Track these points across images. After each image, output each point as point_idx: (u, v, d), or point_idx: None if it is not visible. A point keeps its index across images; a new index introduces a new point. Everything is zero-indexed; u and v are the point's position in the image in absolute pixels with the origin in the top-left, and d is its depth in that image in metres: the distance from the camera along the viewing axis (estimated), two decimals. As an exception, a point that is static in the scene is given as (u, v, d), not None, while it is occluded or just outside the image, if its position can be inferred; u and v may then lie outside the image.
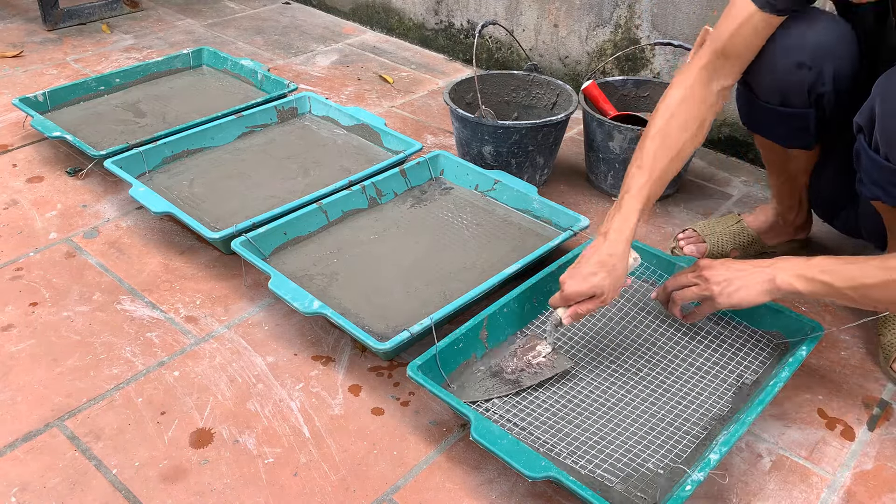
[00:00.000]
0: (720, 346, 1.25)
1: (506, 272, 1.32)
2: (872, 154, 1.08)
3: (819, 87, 1.17)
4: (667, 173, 1.15)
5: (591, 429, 1.10)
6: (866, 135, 1.09)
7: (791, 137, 1.28)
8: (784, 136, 1.29)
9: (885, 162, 1.06)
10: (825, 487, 1.07)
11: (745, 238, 1.48)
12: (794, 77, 1.17)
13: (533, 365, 1.16)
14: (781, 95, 1.21)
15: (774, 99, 1.22)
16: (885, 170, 1.07)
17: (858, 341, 1.32)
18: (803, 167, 1.36)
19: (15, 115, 1.96)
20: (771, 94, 1.22)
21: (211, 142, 1.77)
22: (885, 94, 1.03)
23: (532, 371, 1.16)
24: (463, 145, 1.70)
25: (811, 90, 1.18)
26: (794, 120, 1.23)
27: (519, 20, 2.15)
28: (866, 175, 1.11)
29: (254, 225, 1.42)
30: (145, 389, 1.19)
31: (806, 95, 1.19)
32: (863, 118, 1.08)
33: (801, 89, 1.19)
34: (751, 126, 1.33)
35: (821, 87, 1.17)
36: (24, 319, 1.32)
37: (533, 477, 0.95)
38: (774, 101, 1.23)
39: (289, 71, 2.28)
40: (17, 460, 1.08)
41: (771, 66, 1.19)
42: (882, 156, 1.06)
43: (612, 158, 1.63)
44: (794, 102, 1.21)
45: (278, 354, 1.27)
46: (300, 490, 1.04)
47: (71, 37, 2.46)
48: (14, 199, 1.65)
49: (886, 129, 1.04)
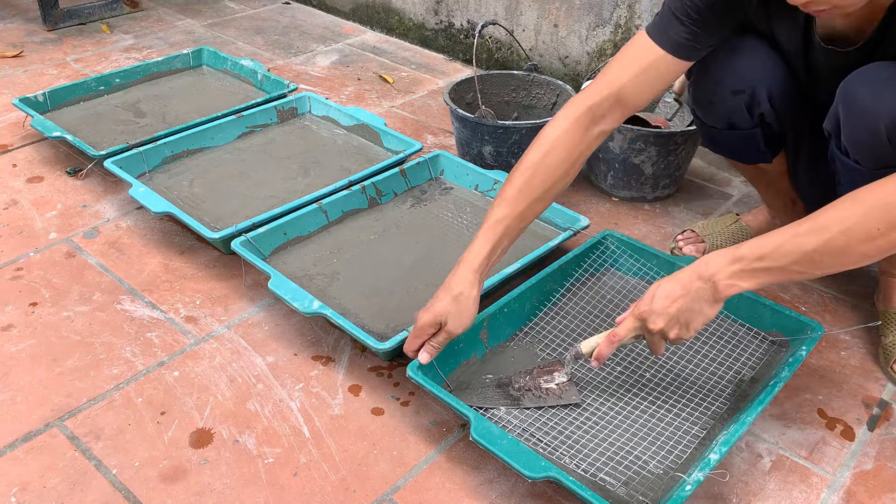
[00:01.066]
0: (720, 346, 1.25)
1: (506, 272, 1.32)
2: (844, 159, 1.09)
3: (757, 108, 1.21)
4: (529, 211, 1.11)
5: (592, 430, 1.10)
6: (836, 139, 1.10)
7: (748, 156, 1.33)
8: (741, 155, 1.34)
9: (857, 166, 1.07)
10: (825, 487, 1.07)
11: (743, 237, 1.48)
12: (731, 103, 1.22)
13: (542, 389, 1.14)
14: (726, 120, 1.26)
15: (721, 124, 1.27)
16: (859, 174, 1.08)
17: (858, 341, 1.32)
18: (776, 173, 1.38)
19: (15, 115, 1.96)
20: (717, 121, 1.27)
21: (211, 142, 1.77)
22: (847, 101, 1.04)
23: (537, 394, 1.14)
24: (463, 145, 1.70)
25: (750, 111, 1.22)
26: (744, 140, 1.28)
27: (519, 20, 2.15)
28: (844, 180, 1.13)
29: (254, 225, 1.42)
30: (145, 389, 1.19)
31: (748, 117, 1.23)
32: (830, 124, 1.10)
33: (741, 113, 1.23)
34: (711, 148, 1.38)
35: (758, 107, 1.21)
36: (24, 319, 1.32)
37: (533, 477, 0.95)
38: (722, 125, 1.28)
39: (289, 71, 2.28)
40: (17, 460, 1.08)
41: (710, 97, 1.24)
42: (853, 160, 1.08)
43: (611, 158, 1.63)
44: (739, 125, 1.25)
45: (278, 354, 1.27)
46: (300, 490, 1.04)
47: (71, 37, 2.46)
48: (14, 199, 1.65)
49: (852, 135, 1.05)
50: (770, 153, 1.30)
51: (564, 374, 1.15)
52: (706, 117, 1.29)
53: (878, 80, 1.01)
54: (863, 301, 1.40)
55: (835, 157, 1.12)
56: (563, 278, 1.34)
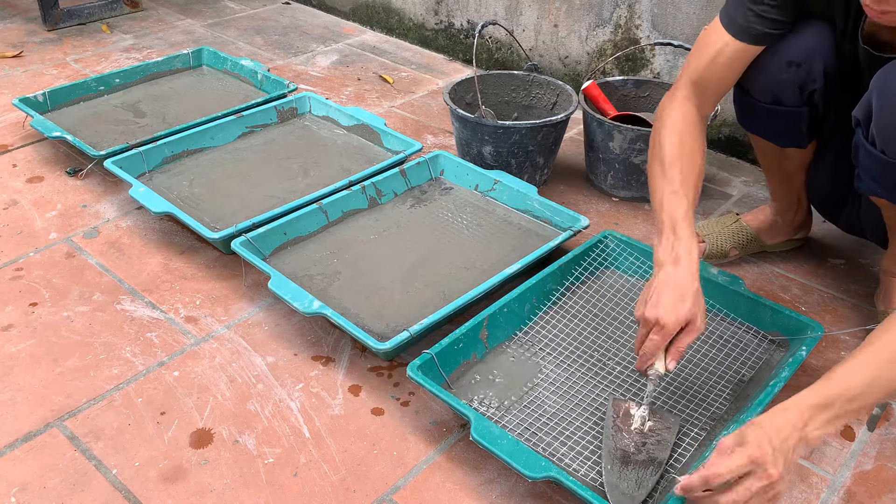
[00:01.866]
0: (720, 346, 1.25)
1: (506, 272, 1.32)
2: (870, 148, 1.08)
3: (810, 85, 1.19)
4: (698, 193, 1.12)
5: (593, 431, 1.10)
6: (864, 129, 1.09)
7: (785, 136, 1.29)
8: (779, 136, 1.30)
9: (882, 156, 1.06)
10: (825, 487, 1.07)
11: (743, 237, 1.48)
12: (785, 76, 1.18)
13: (647, 434, 1.06)
14: (774, 94, 1.22)
15: (767, 98, 1.23)
16: (882, 164, 1.07)
17: (858, 341, 1.31)
18: (799, 166, 1.36)
19: (15, 115, 1.96)
20: (764, 94, 1.23)
21: (211, 142, 1.77)
22: (882, 88, 1.03)
23: (655, 440, 1.05)
24: (463, 145, 1.70)
25: (802, 88, 1.19)
26: (787, 119, 1.24)
27: (519, 20, 2.15)
28: (864, 171, 1.12)
29: (254, 225, 1.42)
30: (145, 389, 1.19)
31: (798, 93, 1.20)
32: (861, 112, 1.09)
33: (792, 87, 1.20)
34: (747, 126, 1.34)
35: (812, 84, 1.18)
36: (24, 319, 1.32)
37: (533, 477, 0.95)
38: (767, 100, 1.24)
39: (289, 71, 2.28)
40: (17, 460, 1.08)
41: (763, 66, 1.20)
42: (879, 150, 1.07)
43: (612, 158, 1.63)
44: (786, 101, 1.22)
45: (278, 354, 1.27)
46: (300, 490, 1.04)
47: (71, 37, 2.46)
48: (14, 199, 1.65)
49: (883, 123, 1.04)
50: (808, 137, 1.27)
51: (644, 406, 1.08)
52: (753, 88, 1.24)
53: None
54: (863, 301, 1.40)
55: (859, 146, 1.10)
56: (563, 278, 1.34)
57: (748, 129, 1.34)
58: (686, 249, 1.04)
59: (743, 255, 1.49)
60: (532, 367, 1.21)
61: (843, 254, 1.52)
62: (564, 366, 1.21)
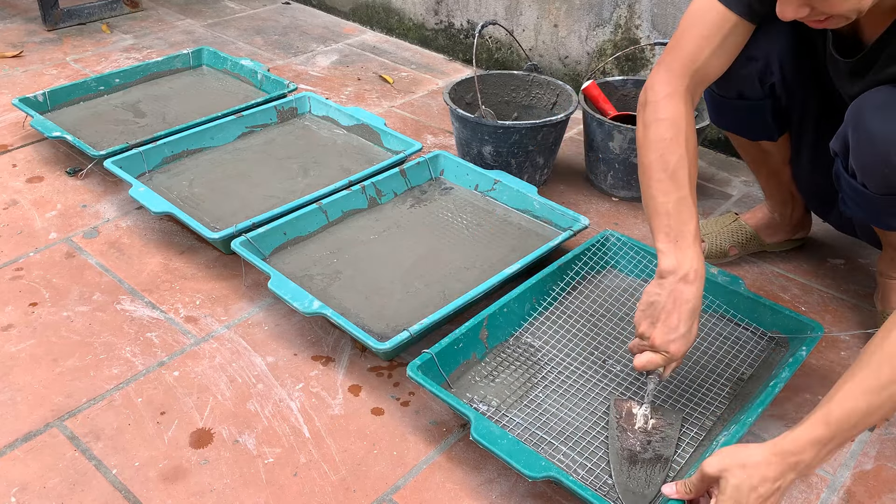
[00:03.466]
0: (720, 346, 1.25)
1: (506, 272, 1.32)
2: (850, 180, 1.10)
3: (769, 77, 1.22)
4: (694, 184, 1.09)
5: (593, 432, 1.10)
6: (843, 160, 1.11)
7: (754, 130, 1.33)
8: (748, 130, 1.34)
9: (865, 189, 1.08)
10: (825, 487, 1.07)
11: (742, 236, 1.48)
12: (745, 70, 1.22)
13: (651, 432, 1.08)
14: (737, 89, 1.26)
15: (732, 93, 1.28)
16: (866, 197, 1.08)
17: (859, 342, 1.31)
18: (779, 161, 1.38)
19: (15, 115, 1.96)
20: (728, 89, 1.27)
21: (211, 142, 1.77)
22: (856, 122, 1.04)
23: (659, 437, 1.07)
24: (463, 145, 1.70)
25: (762, 80, 1.23)
26: (752, 112, 1.28)
27: (519, 20, 2.15)
28: (848, 199, 1.14)
29: (254, 225, 1.42)
30: (145, 389, 1.19)
31: (759, 86, 1.24)
32: (837, 144, 1.11)
33: (752, 81, 1.23)
34: (719, 123, 1.38)
35: (770, 76, 1.22)
36: (24, 319, 1.32)
37: (533, 477, 0.95)
38: (732, 94, 1.28)
39: (289, 71, 2.28)
40: (17, 460, 1.08)
41: None
42: (860, 183, 1.08)
43: (611, 158, 1.63)
44: (749, 94, 1.26)
45: (278, 354, 1.27)
46: (300, 490, 1.04)
47: (71, 37, 2.46)
48: (14, 199, 1.65)
49: (862, 161, 1.05)
50: (776, 129, 1.30)
51: (646, 405, 1.09)
52: (718, 85, 1.26)
53: (889, 104, 0.99)
54: (863, 301, 1.40)
55: (840, 176, 1.13)
56: (563, 278, 1.34)
57: (721, 126, 1.38)
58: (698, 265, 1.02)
59: (743, 254, 1.50)
60: (532, 367, 1.21)
61: (843, 254, 1.52)
62: (564, 366, 1.21)
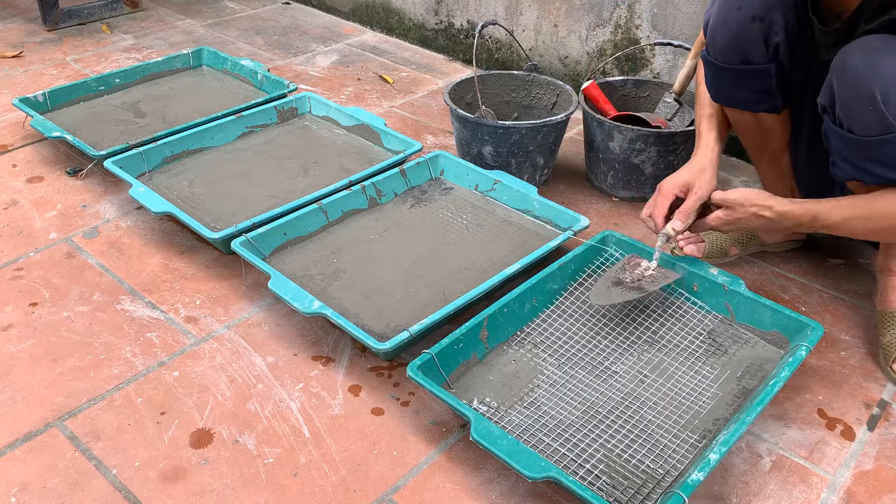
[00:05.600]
0: (719, 346, 1.25)
1: (506, 272, 1.32)
2: (837, 129, 1.12)
3: (773, 38, 1.22)
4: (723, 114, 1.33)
5: (593, 433, 1.10)
6: (830, 113, 1.13)
7: (758, 100, 1.31)
8: (751, 100, 1.32)
9: (851, 135, 1.10)
10: (825, 487, 1.07)
11: (743, 235, 1.48)
12: (749, 31, 1.22)
13: (646, 277, 1.23)
14: (741, 53, 1.26)
15: (735, 59, 1.27)
16: (852, 144, 1.10)
17: (858, 341, 1.32)
18: (780, 143, 1.37)
19: (15, 115, 1.96)
20: (732, 55, 1.27)
21: (211, 142, 1.77)
22: (841, 67, 1.08)
23: (649, 279, 1.23)
24: (463, 145, 1.70)
25: (767, 41, 1.23)
26: (757, 78, 1.28)
27: (519, 20, 2.15)
28: (837, 154, 1.15)
29: (254, 225, 1.42)
30: (145, 389, 1.19)
31: (763, 48, 1.24)
32: (825, 97, 1.13)
33: (757, 42, 1.23)
34: (719, 97, 1.36)
35: (774, 36, 1.22)
36: (24, 319, 1.32)
37: (533, 477, 0.95)
38: (736, 60, 1.27)
39: (289, 71, 2.28)
40: (17, 460, 1.08)
41: (728, 25, 1.24)
42: (846, 130, 1.10)
43: (612, 158, 1.63)
44: (753, 58, 1.25)
45: (278, 354, 1.27)
46: (300, 490, 1.04)
47: (71, 37, 2.46)
48: (14, 199, 1.65)
49: (845, 103, 1.09)
50: (780, 97, 1.29)
51: (654, 260, 1.29)
52: (720, 51, 1.27)
53: (871, 49, 1.05)
54: (863, 301, 1.40)
55: (829, 132, 1.15)
56: (563, 278, 1.34)
57: (724, 102, 1.37)
58: (704, 143, 1.32)
59: (743, 254, 1.50)
60: (532, 367, 1.21)
61: (843, 254, 1.52)
62: (564, 366, 1.21)
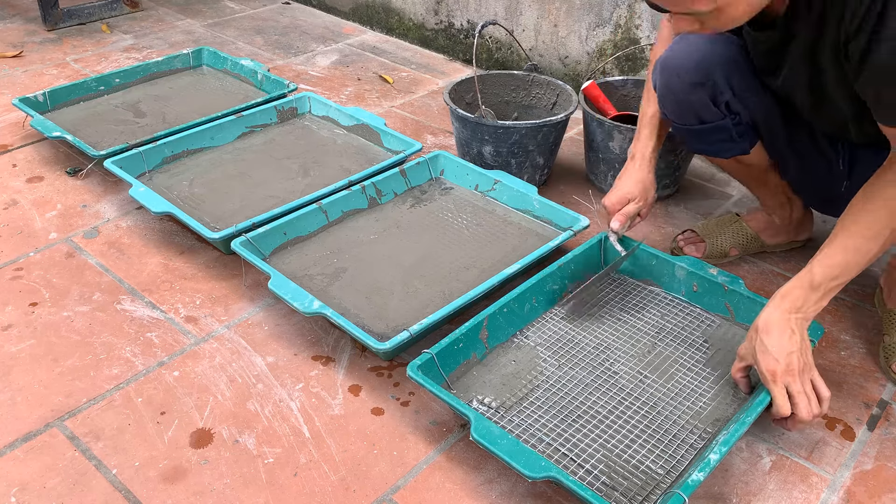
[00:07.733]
0: (719, 346, 1.25)
1: (506, 272, 1.32)
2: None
3: (721, 97, 1.23)
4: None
5: (593, 433, 1.10)
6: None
7: (726, 149, 1.32)
8: (720, 150, 1.33)
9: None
10: (825, 487, 1.07)
11: (743, 236, 1.48)
12: (694, 96, 1.23)
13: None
14: (693, 115, 1.27)
15: (691, 121, 1.28)
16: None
17: (858, 341, 1.32)
18: (761, 169, 1.37)
19: (15, 115, 1.96)
20: (686, 118, 1.28)
21: (211, 142, 1.77)
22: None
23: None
24: (463, 145, 1.70)
25: (715, 102, 1.23)
26: (716, 132, 1.28)
27: (519, 20, 2.15)
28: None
29: (254, 225, 1.42)
30: (145, 389, 1.19)
31: (713, 108, 1.24)
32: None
33: (705, 104, 1.24)
34: (693, 150, 1.40)
35: (721, 95, 1.22)
36: (24, 319, 1.32)
37: (533, 477, 0.95)
38: (692, 122, 1.28)
39: (289, 71, 2.28)
40: (17, 460, 1.08)
41: (673, 92, 1.25)
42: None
43: (612, 158, 1.63)
44: (706, 118, 1.26)
45: (278, 354, 1.27)
46: (300, 490, 1.04)
47: (71, 37, 2.46)
48: (14, 199, 1.65)
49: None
50: (747, 142, 1.29)
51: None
52: (675, 116, 1.29)
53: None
54: (863, 301, 1.40)
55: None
56: (563, 278, 1.34)
57: (695, 151, 1.42)
58: (641, 154, 1.31)
59: (743, 255, 1.50)
60: (532, 367, 1.21)
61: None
62: (564, 366, 1.21)
